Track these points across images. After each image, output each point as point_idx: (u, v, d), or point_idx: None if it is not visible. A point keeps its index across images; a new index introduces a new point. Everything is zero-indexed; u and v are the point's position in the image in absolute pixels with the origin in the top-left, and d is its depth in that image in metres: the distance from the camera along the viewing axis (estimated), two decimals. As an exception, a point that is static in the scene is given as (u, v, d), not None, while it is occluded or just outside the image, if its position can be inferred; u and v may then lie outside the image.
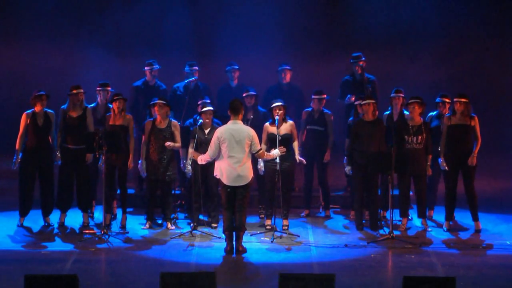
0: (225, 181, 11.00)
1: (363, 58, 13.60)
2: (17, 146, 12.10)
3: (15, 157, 12.08)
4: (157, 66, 13.91)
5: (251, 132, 11.07)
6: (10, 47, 17.60)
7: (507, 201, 14.04)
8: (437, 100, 12.72)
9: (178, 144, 12.24)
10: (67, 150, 12.24)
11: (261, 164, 11.93)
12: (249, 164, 11.01)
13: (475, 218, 12.18)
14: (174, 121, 12.38)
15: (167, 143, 12.12)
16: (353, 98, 13.10)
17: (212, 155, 11.07)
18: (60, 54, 17.27)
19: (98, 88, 12.87)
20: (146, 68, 13.93)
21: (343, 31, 17.49)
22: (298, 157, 12.22)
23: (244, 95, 13.04)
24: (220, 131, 11.04)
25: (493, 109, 17.33)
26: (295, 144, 12.24)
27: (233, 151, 10.93)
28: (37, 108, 12.14)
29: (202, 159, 11.23)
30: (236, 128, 10.98)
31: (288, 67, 14.03)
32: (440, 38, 17.45)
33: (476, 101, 13.43)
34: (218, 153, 11.01)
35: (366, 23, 17.25)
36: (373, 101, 12.30)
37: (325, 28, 17.47)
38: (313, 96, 13.02)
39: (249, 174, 11.00)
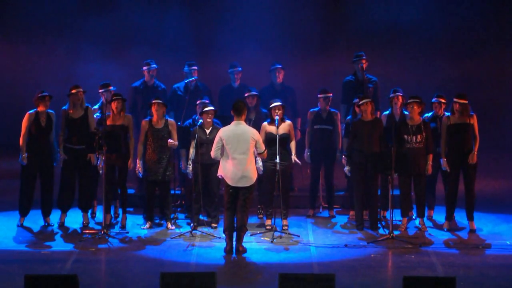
0: (229, 181, 10.99)
1: (365, 57, 13.58)
2: (21, 143, 12.07)
3: (21, 155, 12.06)
4: (154, 65, 13.89)
5: (256, 133, 11.07)
6: (10, 47, 17.61)
7: (507, 201, 14.04)
8: (433, 100, 12.70)
9: (176, 142, 12.23)
10: (70, 150, 12.24)
11: (259, 164, 11.92)
12: (253, 165, 11.00)
13: (471, 218, 12.18)
14: (170, 120, 12.37)
15: (170, 141, 12.11)
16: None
17: (215, 156, 11.05)
18: (60, 55, 17.28)
19: (100, 90, 12.86)
20: (143, 68, 13.91)
21: (344, 31, 17.51)
22: (294, 158, 12.22)
23: (246, 95, 13.03)
24: (224, 131, 11.03)
25: (493, 109, 17.34)
26: (293, 144, 12.25)
27: (237, 152, 10.91)
28: (40, 109, 12.13)
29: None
30: (240, 129, 10.97)
31: (280, 66, 14.00)
32: (440, 39, 17.46)
33: (476, 101, 13.43)
34: (221, 154, 11.00)
35: (366, 23, 17.26)
36: (370, 100, 12.29)
37: (326, 28, 17.47)
38: (318, 96, 13.01)
39: (253, 175, 10.99)
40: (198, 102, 12.66)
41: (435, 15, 17.34)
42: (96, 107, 12.78)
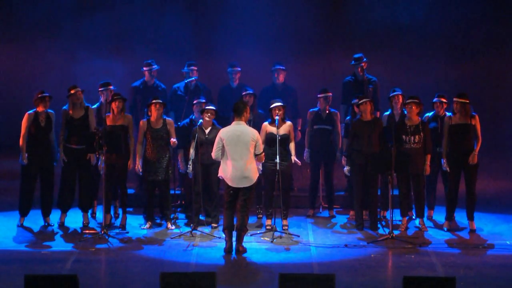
0: (229, 182, 10.98)
1: (365, 60, 13.58)
2: (21, 144, 12.07)
3: (21, 155, 12.06)
4: (156, 66, 13.90)
5: (256, 133, 11.05)
6: (8, 47, 17.61)
7: (507, 201, 14.04)
8: (434, 100, 12.69)
9: (176, 140, 12.23)
10: (70, 150, 12.24)
11: (259, 164, 11.91)
12: (253, 165, 10.99)
13: (471, 218, 12.18)
14: (168, 119, 12.38)
15: (173, 140, 12.10)
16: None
17: (215, 156, 11.05)
18: (60, 54, 17.28)
19: (100, 89, 12.88)
20: (144, 68, 13.92)
21: (343, 31, 17.51)
22: (294, 158, 12.22)
23: (243, 93, 13.04)
24: (224, 132, 11.02)
25: (493, 109, 17.34)
26: (292, 145, 12.25)
27: (237, 153, 10.90)
28: (40, 109, 12.14)
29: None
30: (240, 130, 10.96)
31: (281, 67, 14.00)
32: (441, 39, 17.46)
33: (476, 101, 13.44)
34: (222, 154, 11.00)
35: (366, 23, 17.26)
36: (369, 100, 12.28)
37: (325, 28, 17.47)
38: (318, 95, 13.02)
39: (253, 176, 10.98)
40: (195, 102, 12.66)
41: (435, 15, 17.34)
42: (95, 106, 12.77)
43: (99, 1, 17.29)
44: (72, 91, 12.29)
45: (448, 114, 12.42)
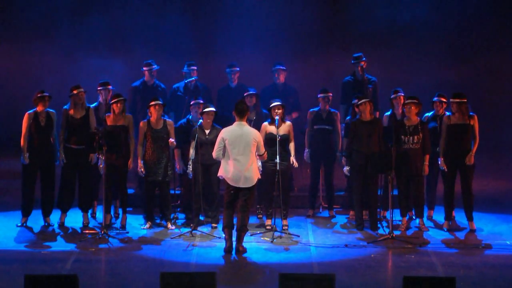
0: (229, 182, 10.98)
1: (364, 59, 13.58)
2: (22, 144, 12.08)
3: (22, 155, 12.06)
4: (156, 66, 13.90)
5: (258, 134, 11.06)
6: (9, 47, 17.61)
7: (507, 201, 14.04)
8: (434, 99, 12.69)
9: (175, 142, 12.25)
10: (70, 150, 12.25)
11: (258, 164, 11.91)
12: (254, 166, 10.99)
13: (470, 218, 12.19)
14: (168, 120, 12.38)
15: (171, 140, 12.11)
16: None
17: (216, 156, 11.05)
18: (60, 54, 17.27)
19: (99, 88, 12.90)
20: (144, 68, 13.92)
21: (343, 31, 17.51)
22: (292, 159, 12.22)
23: (245, 94, 13.04)
24: (226, 132, 11.01)
25: (493, 109, 17.34)
26: (292, 146, 12.25)
27: (239, 153, 10.90)
28: (39, 108, 12.14)
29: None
30: (242, 130, 10.96)
31: (282, 67, 14.00)
32: (440, 39, 17.46)
33: (476, 101, 13.43)
34: (223, 154, 11.00)
35: (366, 23, 17.26)
36: (369, 100, 12.28)
37: (325, 28, 17.47)
38: (318, 95, 13.03)
39: (254, 176, 10.99)
40: (192, 103, 12.64)
41: (435, 15, 17.33)
42: (93, 106, 12.75)
43: (98, 1, 17.29)
44: (75, 91, 12.29)
45: (447, 113, 12.41)
